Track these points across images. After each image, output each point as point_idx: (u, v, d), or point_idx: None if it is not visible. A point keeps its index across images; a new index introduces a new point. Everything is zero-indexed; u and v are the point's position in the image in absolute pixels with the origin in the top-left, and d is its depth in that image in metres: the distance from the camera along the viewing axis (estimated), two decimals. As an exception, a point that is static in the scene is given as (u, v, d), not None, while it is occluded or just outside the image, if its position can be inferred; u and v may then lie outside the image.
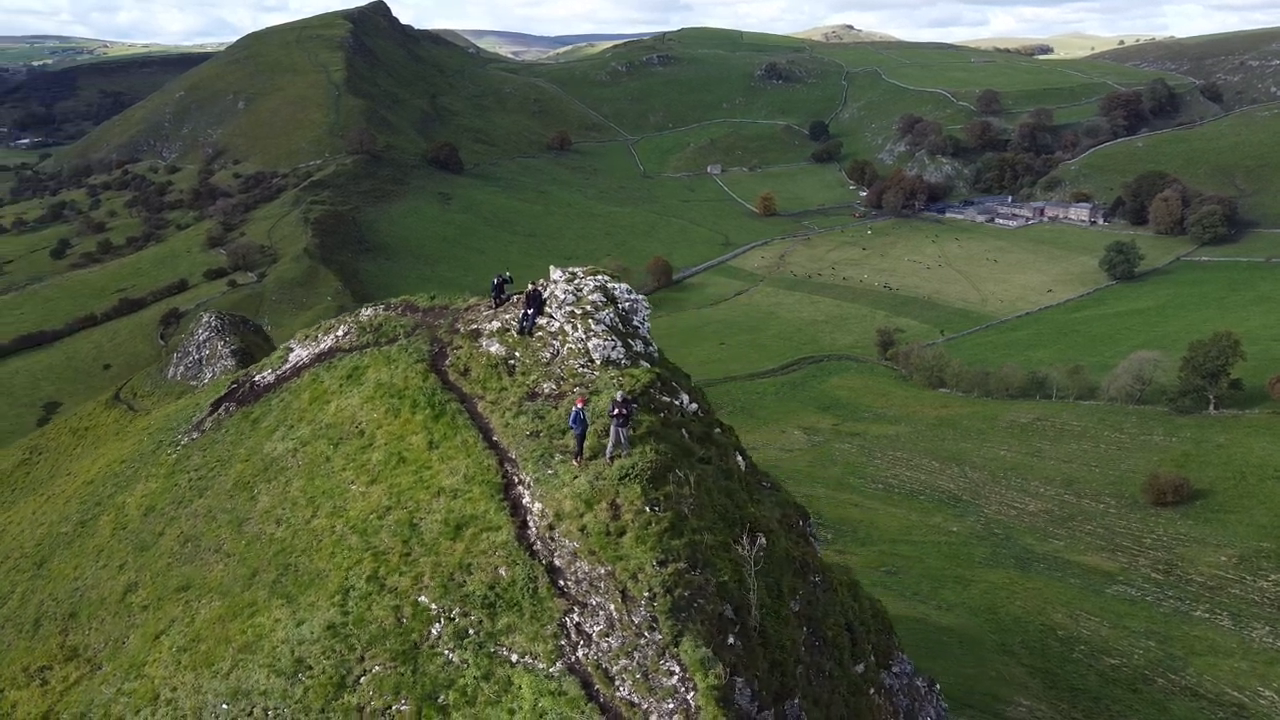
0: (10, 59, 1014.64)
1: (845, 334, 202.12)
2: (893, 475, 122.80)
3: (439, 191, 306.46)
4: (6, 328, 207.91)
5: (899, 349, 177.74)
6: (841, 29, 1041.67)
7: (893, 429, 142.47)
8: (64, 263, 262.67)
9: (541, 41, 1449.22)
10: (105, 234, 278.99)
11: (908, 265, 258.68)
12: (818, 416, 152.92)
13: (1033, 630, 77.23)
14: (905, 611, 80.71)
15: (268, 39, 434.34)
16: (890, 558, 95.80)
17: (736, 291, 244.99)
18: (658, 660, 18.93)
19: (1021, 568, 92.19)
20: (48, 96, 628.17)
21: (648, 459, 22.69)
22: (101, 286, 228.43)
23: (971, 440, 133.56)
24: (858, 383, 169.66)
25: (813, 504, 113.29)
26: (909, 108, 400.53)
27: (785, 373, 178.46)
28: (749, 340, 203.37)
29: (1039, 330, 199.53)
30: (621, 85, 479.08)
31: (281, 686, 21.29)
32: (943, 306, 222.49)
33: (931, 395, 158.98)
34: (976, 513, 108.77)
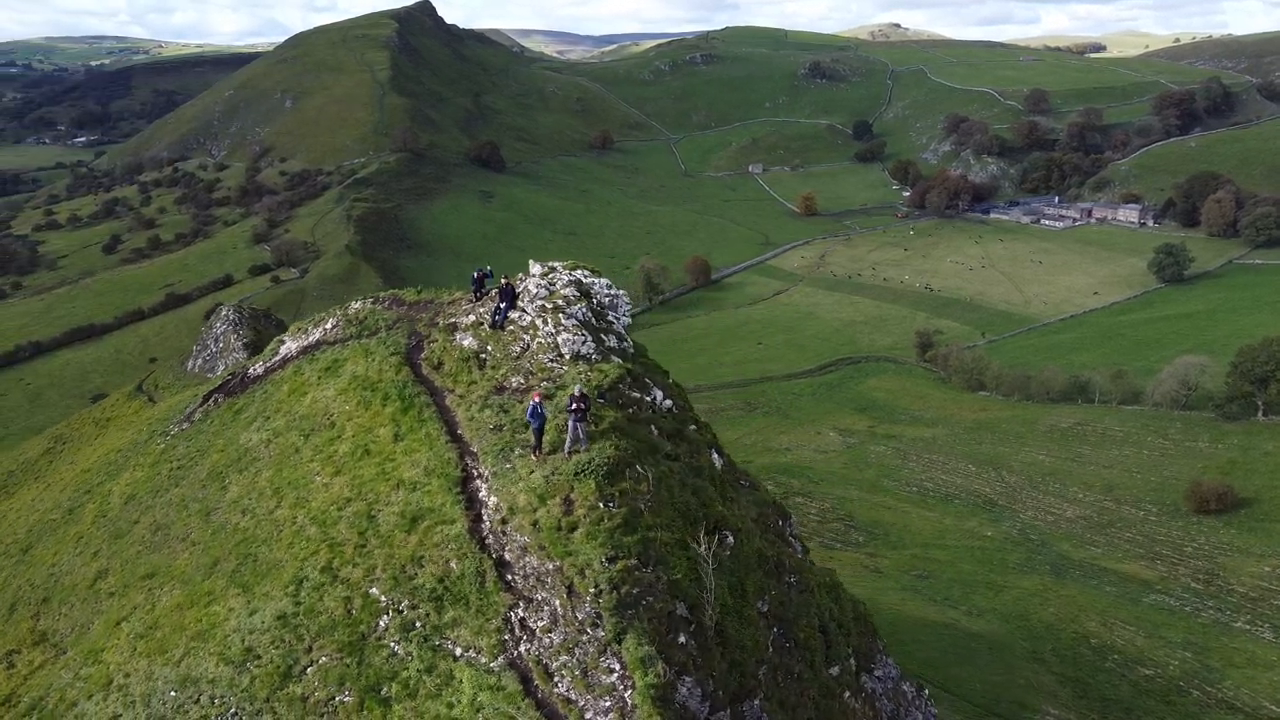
0: (70, 59, 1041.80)
1: (884, 335, 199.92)
2: (928, 478, 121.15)
3: (480, 189, 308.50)
4: (59, 321, 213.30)
5: (938, 351, 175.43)
6: (889, 27, 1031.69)
7: (929, 431, 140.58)
8: (115, 258, 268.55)
9: (587, 40, 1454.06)
10: (155, 230, 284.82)
11: (950, 266, 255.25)
12: (854, 418, 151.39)
13: (1065, 638, 75.70)
14: (935, 617, 79.75)
15: (315, 38, 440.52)
16: (922, 562, 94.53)
17: (775, 291, 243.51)
18: (598, 657, 18.72)
19: (1056, 574, 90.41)
20: (104, 96, 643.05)
21: (605, 454, 22.48)
22: (150, 282, 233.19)
23: (1010, 444, 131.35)
24: (895, 384, 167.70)
25: (846, 506, 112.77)
26: (955, 107, 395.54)
27: (822, 373, 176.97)
28: (787, 340, 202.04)
29: (1083, 333, 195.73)
30: (664, 84, 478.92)
31: (229, 675, 21.41)
32: (984, 308, 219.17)
33: (970, 398, 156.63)
34: (1012, 518, 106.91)
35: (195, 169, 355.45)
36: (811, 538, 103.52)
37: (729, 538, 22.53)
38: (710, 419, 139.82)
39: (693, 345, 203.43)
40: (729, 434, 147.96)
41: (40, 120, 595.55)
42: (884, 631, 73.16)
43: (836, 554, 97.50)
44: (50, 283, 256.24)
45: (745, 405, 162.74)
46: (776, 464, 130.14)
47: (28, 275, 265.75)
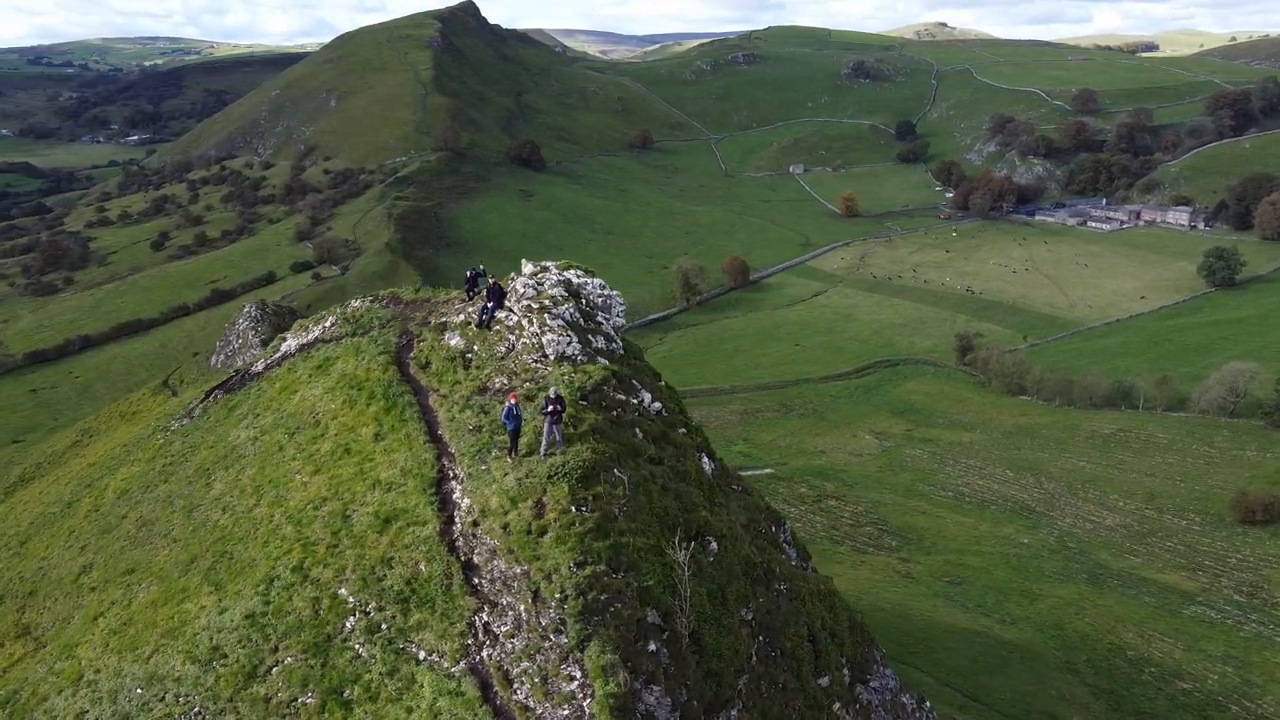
0: (125, 59, 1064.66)
1: (923, 338, 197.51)
2: (964, 483, 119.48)
3: (520, 188, 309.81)
4: (108, 316, 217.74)
5: (978, 354, 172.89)
6: (934, 26, 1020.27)
7: (967, 436, 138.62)
8: (162, 254, 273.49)
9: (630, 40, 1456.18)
10: (202, 227, 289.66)
11: (992, 268, 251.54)
12: (890, 421, 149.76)
13: (1100, 649, 74.17)
14: (966, 624, 78.53)
15: (360, 39, 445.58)
16: (956, 568, 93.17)
17: (814, 292, 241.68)
18: (559, 665, 18.31)
19: (1093, 584, 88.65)
20: (156, 95, 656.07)
21: (581, 458, 22.08)
22: (195, 278, 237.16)
23: (1049, 450, 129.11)
24: (933, 388, 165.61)
25: (879, 510, 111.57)
26: (1001, 107, 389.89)
27: (859, 376, 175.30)
28: (824, 342, 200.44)
29: (1128, 338, 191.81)
30: (706, 84, 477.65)
31: (195, 674, 21.32)
32: (1027, 311, 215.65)
33: (1010, 402, 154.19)
34: (1050, 525, 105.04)
35: (242, 167, 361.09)
36: (843, 541, 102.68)
37: (712, 544, 22.03)
38: (745, 420, 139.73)
39: (729, 346, 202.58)
40: (764, 435, 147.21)
41: (95, 119, 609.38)
42: (914, 638, 72.53)
43: (868, 558, 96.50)
44: (100, 278, 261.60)
45: (781, 407, 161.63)
46: (811, 466, 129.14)
47: (79, 271, 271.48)
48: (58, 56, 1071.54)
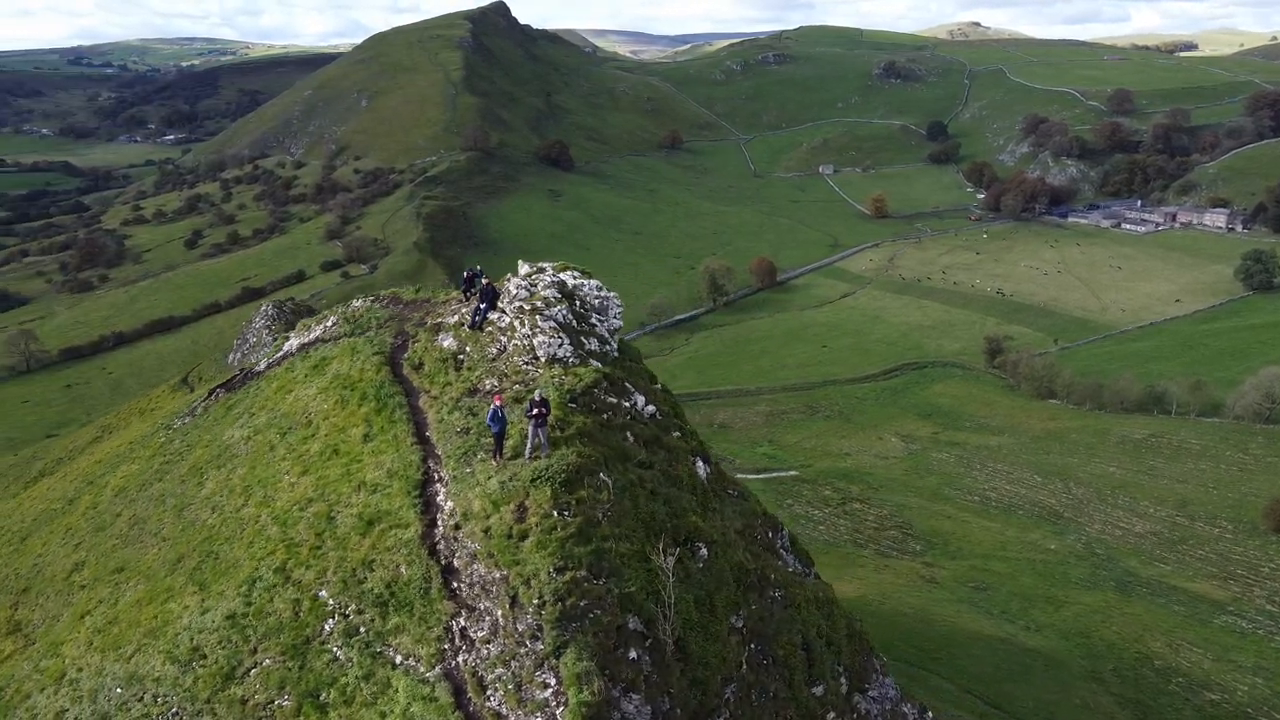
0: (163, 59, 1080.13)
1: (952, 340, 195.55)
2: (991, 488, 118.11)
3: (549, 188, 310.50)
4: (142, 313, 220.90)
5: (1007, 357, 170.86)
6: (968, 26, 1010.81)
7: (995, 440, 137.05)
8: (195, 252, 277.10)
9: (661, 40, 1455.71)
10: (234, 226, 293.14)
11: (1024, 270, 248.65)
12: (917, 424, 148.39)
13: (1127, 658, 72.94)
14: (990, 631, 77.53)
15: (392, 39, 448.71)
16: (981, 573, 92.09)
17: (842, 294, 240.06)
18: (534, 671, 18.01)
19: (1121, 591, 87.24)
20: (192, 95, 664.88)
21: (566, 461, 21.77)
22: (227, 276, 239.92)
23: (1079, 455, 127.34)
24: (961, 391, 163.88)
25: (904, 513, 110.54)
26: (1034, 107, 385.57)
27: (887, 378, 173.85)
28: (852, 344, 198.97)
29: (1161, 342, 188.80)
30: (735, 84, 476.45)
31: (174, 674, 21.24)
32: (1058, 314, 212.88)
33: (1039, 406, 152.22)
34: (1078, 531, 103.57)
35: (274, 166, 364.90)
36: (867, 545, 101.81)
37: (702, 550, 21.69)
38: (771, 422, 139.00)
39: (756, 347, 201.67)
40: (789, 437, 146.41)
41: (132, 119, 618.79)
42: (936, 644, 71.72)
43: (892, 562, 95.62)
44: (135, 275, 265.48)
45: (807, 408, 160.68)
46: (836, 469, 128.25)
47: (114, 268, 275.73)
48: (97, 57, 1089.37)
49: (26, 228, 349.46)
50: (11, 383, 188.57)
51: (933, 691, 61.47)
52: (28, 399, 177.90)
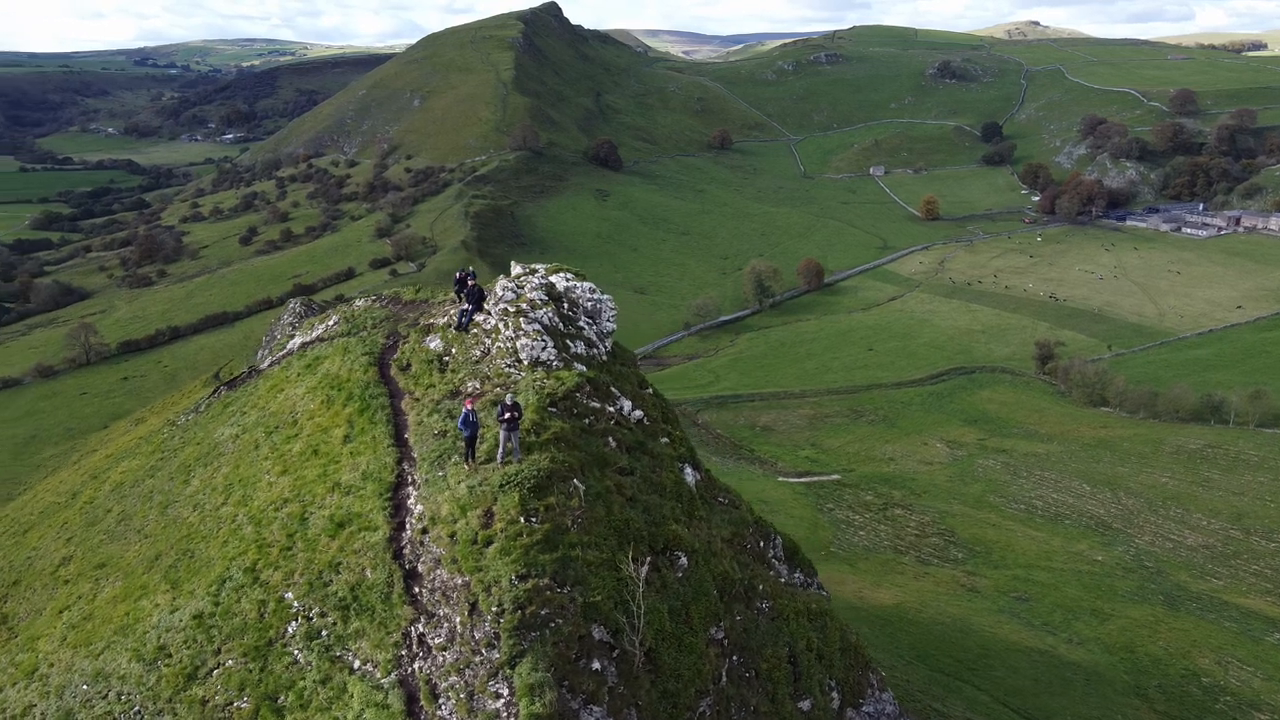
0: (224, 60, 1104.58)
1: (1002, 345, 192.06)
2: (1037, 496, 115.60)
3: (597, 188, 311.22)
4: (197, 308, 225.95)
5: (1058, 363, 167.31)
6: (1026, 25, 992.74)
7: (1043, 447, 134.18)
8: (250, 249, 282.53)
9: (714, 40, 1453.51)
10: (288, 223, 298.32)
11: (1078, 275, 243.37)
12: (963, 430, 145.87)
13: (1173, 674, 70.76)
14: (1030, 642, 75.82)
15: (445, 40, 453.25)
16: (1023, 583, 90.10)
17: (890, 297, 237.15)
18: (487, 681, 17.62)
19: (1170, 605, 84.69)
20: (251, 95, 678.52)
21: (537, 467, 21.40)
22: (280, 272, 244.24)
23: (1130, 464, 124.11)
24: (1010, 397, 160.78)
25: (947, 521, 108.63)
26: (1093, 108, 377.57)
27: (933, 382, 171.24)
28: (899, 347, 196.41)
29: (1221, 350, 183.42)
30: (787, 84, 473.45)
31: (139, 672, 21.17)
32: (1113, 320, 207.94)
33: (1090, 414, 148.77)
34: (1126, 543, 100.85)
35: (328, 165, 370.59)
36: (908, 551, 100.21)
37: (681, 559, 21.15)
38: (814, 425, 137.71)
39: (801, 350, 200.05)
40: (832, 441, 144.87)
41: (193, 118, 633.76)
42: (973, 655, 70.38)
43: (932, 570, 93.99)
44: (192, 271, 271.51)
45: (851, 412, 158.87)
46: (878, 474, 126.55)
47: (172, 264, 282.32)
48: (162, 58, 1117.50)
49: (91, 224, 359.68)
50: (71, 374, 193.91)
51: (967, 702, 60.28)
52: (86, 390, 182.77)
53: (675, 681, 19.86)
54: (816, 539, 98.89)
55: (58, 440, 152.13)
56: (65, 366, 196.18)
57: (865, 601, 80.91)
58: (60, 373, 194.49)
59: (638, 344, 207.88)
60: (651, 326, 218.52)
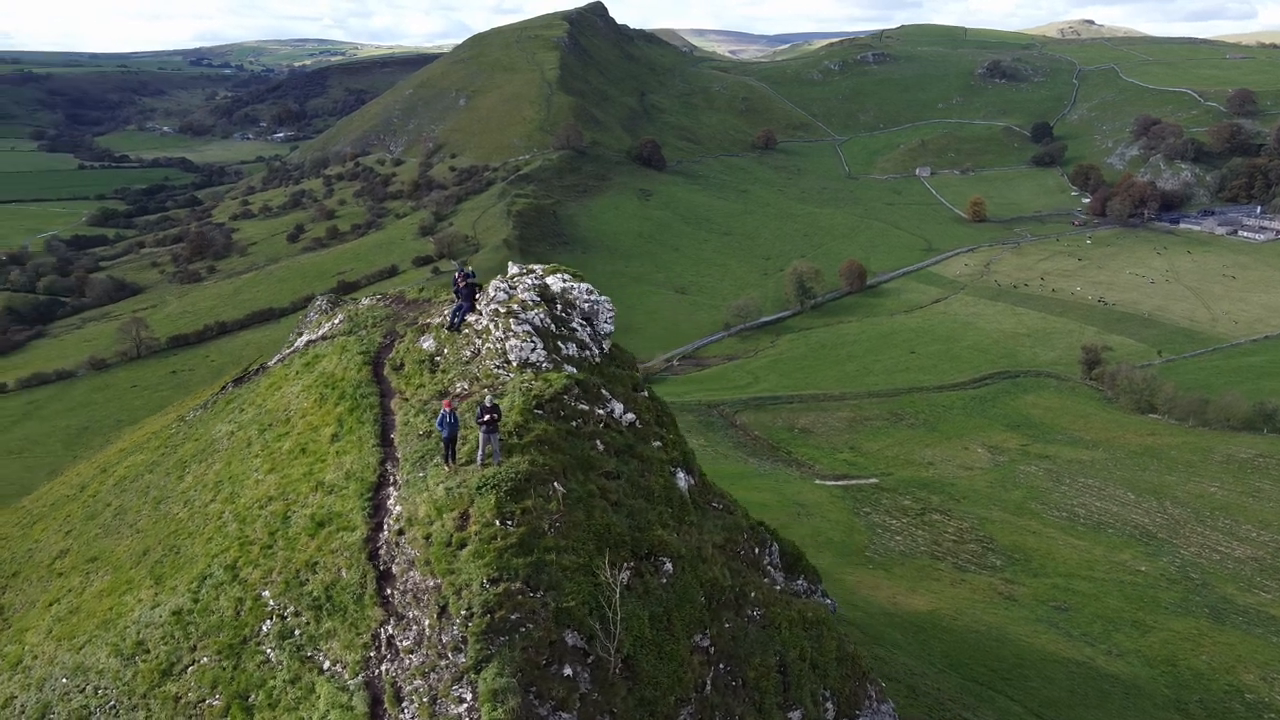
0: (278, 59, 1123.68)
1: (1048, 349, 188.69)
2: (1080, 504, 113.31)
3: (639, 188, 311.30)
4: (245, 304, 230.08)
5: (1106, 368, 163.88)
6: (1080, 24, 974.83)
7: (1088, 454, 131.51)
8: (297, 246, 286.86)
9: (760, 40, 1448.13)
10: (334, 221, 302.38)
11: (1128, 279, 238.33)
12: (1005, 435, 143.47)
13: (1216, 689, 69.00)
14: (1068, 653, 74.37)
15: (490, 40, 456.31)
16: (1063, 593, 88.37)
17: (934, 299, 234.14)
18: (451, 685, 17.39)
19: (1215, 619, 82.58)
20: (302, 94, 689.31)
21: (516, 469, 21.15)
22: (325, 269, 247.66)
23: (1177, 473, 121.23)
24: (1054, 402, 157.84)
25: (986, 527, 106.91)
26: (1147, 108, 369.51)
27: (976, 386, 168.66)
28: (941, 350, 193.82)
29: (1276, 357, 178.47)
30: (833, 84, 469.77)
31: (116, 667, 21.23)
32: (1164, 325, 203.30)
33: (1137, 421, 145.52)
34: (1172, 553, 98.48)
35: (374, 163, 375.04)
36: (945, 558, 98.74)
37: (666, 564, 20.79)
38: (853, 427, 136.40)
39: (842, 351, 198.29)
40: (871, 444, 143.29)
41: (246, 117, 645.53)
42: (1008, 664, 69.19)
43: (969, 577, 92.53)
44: (240, 267, 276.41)
45: (891, 415, 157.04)
46: (917, 478, 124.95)
47: (222, 260, 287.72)
48: (217, 58, 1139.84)
49: (145, 220, 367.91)
50: (123, 368, 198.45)
51: (1000, 713, 59.21)
52: (136, 383, 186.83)
53: (653, 689, 19.50)
54: (852, 543, 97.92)
55: (107, 432, 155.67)
56: (117, 360, 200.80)
57: (899, 607, 79.91)
58: (112, 366, 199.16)
59: (677, 344, 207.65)
60: (692, 326, 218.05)
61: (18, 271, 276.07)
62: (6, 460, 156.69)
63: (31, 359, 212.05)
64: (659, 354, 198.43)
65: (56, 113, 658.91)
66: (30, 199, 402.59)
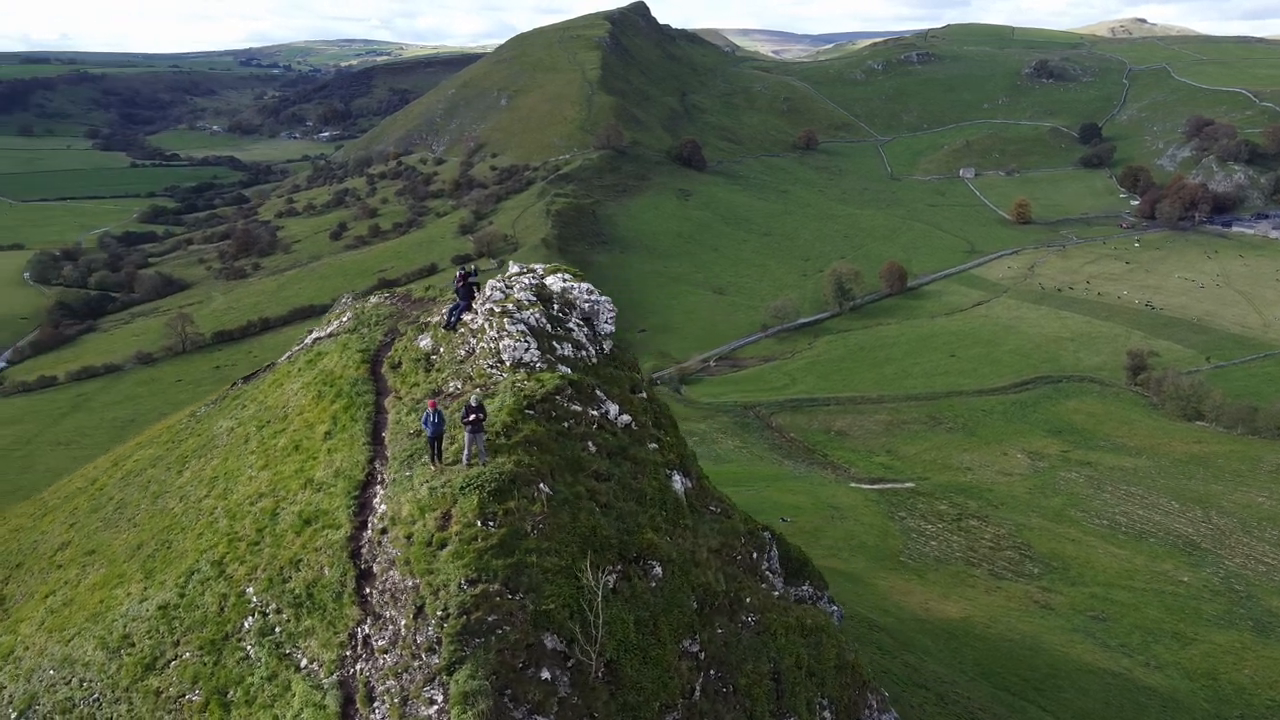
0: (325, 60, 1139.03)
1: (1092, 354, 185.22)
2: (1121, 512, 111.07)
3: (679, 188, 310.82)
4: (287, 300, 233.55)
5: (1151, 374, 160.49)
6: (1132, 23, 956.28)
7: (1131, 461, 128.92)
8: (339, 244, 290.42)
9: (804, 40, 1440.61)
10: (376, 219, 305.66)
11: (1177, 283, 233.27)
12: (1046, 441, 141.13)
13: (1258, 705, 67.23)
14: (1104, 664, 72.89)
15: (533, 39, 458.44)
16: (1101, 602, 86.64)
17: (975, 302, 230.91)
18: (423, 686, 17.23)
19: (1260, 632, 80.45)
20: (347, 94, 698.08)
21: (500, 470, 20.94)
22: (366, 267, 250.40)
23: (1224, 482, 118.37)
24: (1098, 408, 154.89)
25: (1024, 534, 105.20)
26: (1200, 109, 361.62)
27: (1017, 391, 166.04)
28: (982, 354, 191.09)
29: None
30: (876, 84, 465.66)
31: (102, 660, 21.37)
32: (1213, 330, 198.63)
33: (1183, 428, 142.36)
34: (1216, 564, 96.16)
35: (416, 162, 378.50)
36: (980, 564, 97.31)
37: (655, 568, 20.49)
38: (890, 431, 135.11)
39: (880, 354, 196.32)
40: (908, 448, 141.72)
41: (293, 116, 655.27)
42: (1041, 674, 67.89)
43: (1005, 584, 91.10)
44: (284, 265, 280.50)
45: (929, 419, 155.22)
46: (955, 483, 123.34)
47: (267, 257, 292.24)
48: (266, 58, 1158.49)
49: (193, 218, 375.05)
50: (168, 362, 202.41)
51: (1032, 725, 58.19)
52: (181, 378, 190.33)
53: (636, 694, 19.26)
54: (886, 547, 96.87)
55: (151, 425, 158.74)
56: (163, 354, 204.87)
57: (931, 614, 78.81)
58: (158, 360, 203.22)
59: (714, 345, 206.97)
60: (729, 327, 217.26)
61: (70, 267, 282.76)
62: (55, 451, 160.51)
63: (81, 353, 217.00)
64: (695, 354, 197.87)
65: (111, 112, 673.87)
66: (85, 196, 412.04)
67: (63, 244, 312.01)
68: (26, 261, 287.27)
